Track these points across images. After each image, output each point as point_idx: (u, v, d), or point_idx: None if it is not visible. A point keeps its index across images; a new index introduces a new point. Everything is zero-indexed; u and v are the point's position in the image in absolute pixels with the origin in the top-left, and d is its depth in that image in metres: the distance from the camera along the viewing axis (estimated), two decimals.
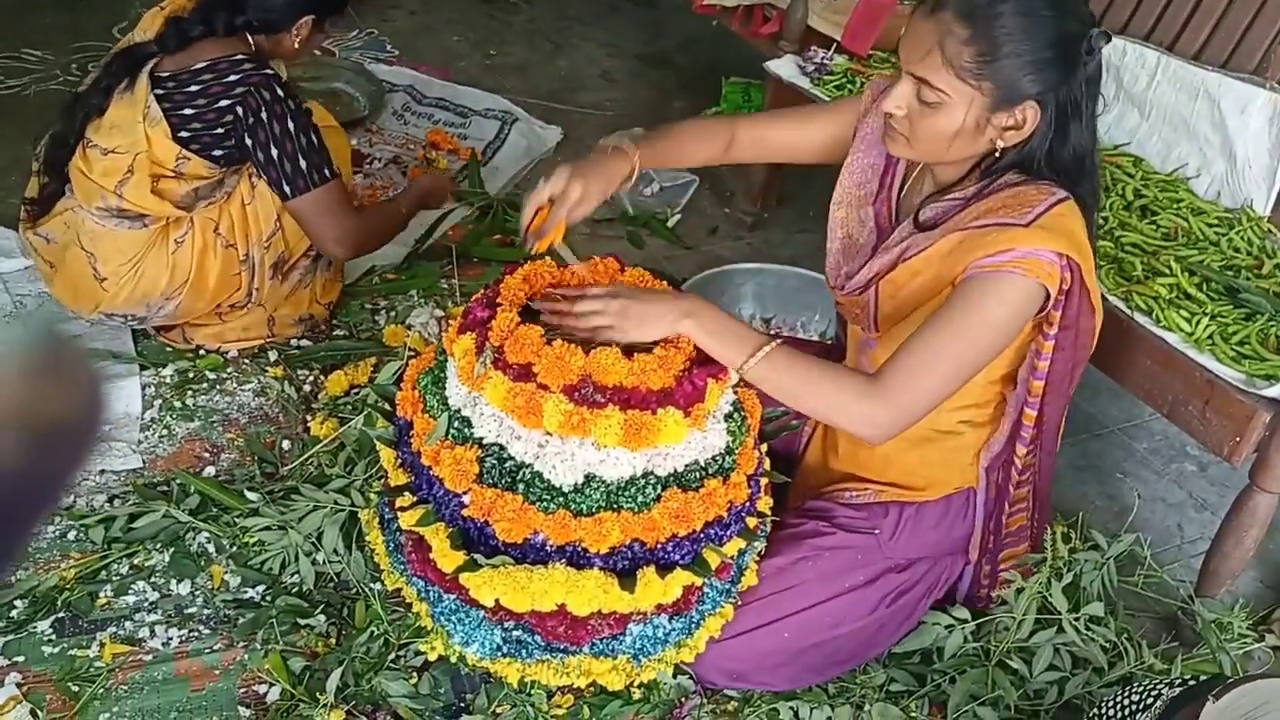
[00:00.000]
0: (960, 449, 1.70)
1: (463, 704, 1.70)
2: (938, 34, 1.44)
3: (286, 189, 2.08)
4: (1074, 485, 2.30)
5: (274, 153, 2.05)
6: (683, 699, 1.72)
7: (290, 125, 2.04)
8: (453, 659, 1.61)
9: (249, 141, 2.05)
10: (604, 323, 1.48)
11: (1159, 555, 2.02)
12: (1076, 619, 1.78)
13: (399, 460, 1.61)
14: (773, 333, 1.57)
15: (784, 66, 2.70)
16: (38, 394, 0.54)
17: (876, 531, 1.71)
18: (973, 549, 1.75)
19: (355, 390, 2.21)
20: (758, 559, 1.69)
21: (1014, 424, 1.65)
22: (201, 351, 2.31)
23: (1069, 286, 1.50)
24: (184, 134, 2.03)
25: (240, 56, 2.04)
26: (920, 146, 1.54)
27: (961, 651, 1.78)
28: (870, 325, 1.67)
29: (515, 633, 1.54)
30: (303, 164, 2.07)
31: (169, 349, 2.30)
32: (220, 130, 2.04)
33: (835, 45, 2.72)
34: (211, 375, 2.26)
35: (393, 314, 2.48)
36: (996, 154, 1.53)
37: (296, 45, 2.14)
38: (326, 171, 2.10)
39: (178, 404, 2.19)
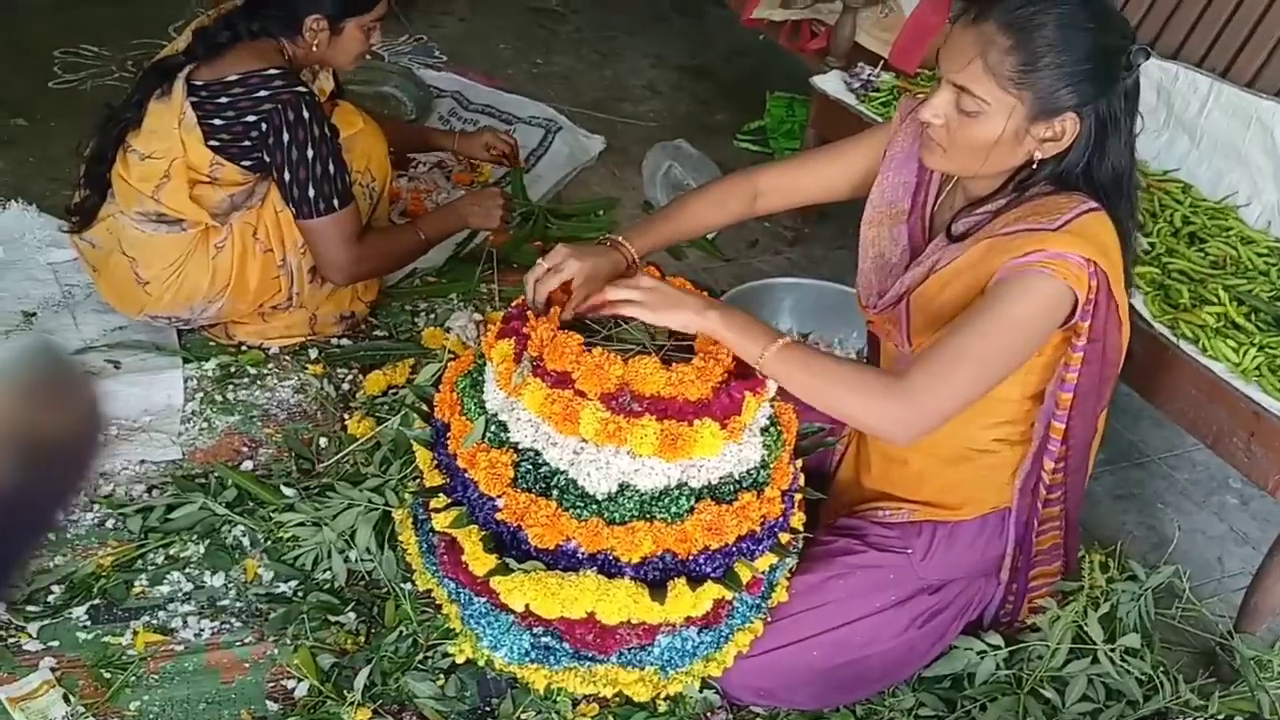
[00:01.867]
0: (995, 468, 1.69)
1: (488, 708, 1.71)
2: (980, 43, 1.45)
3: (293, 209, 2.11)
4: (1113, 514, 2.27)
5: (288, 174, 2.07)
6: (708, 714, 1.71)
7: (309, 151, 2.05)
8: (480, 662, 1.61)
9: (268, 157, 2.07)
10: (634, 297, 1.48)
11: (1198, 588, 1.99)
12: (1112, 650, 1.75)
13: (435, 461, 1.62)
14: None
15: (830, 82, 2.69)
16: (34, 413, 0.53)
17: (909, 551, 1.69)
18: (1004, 569, 1.73)
19: (393, 390, 2.23)
20: (789, 575, 1.68)
21: (1041, 439, 1.63)
22: (244, 347, 2.33)
23: (1096, 295, 1.48)
24: (214, 143, 2.06)
25: (273, 71, 2.05)
26: (957, 157, 1.53)
27: (993, 678, 1.76)
28: (904, 341, 1.66)
29: (544, 639, 1.54)
30: (311, 191, 2.08)
31: (212, 344, 2.33)
32: (247, 142, 2.07)
33: (882, 62, 2.71)
34: (253, 370, 2.29)
35: (432, 316, 2.49)
36: (1033, 165, 1.52)
37: (316, 48, 2.12)
38: (336, 202, 2.11)
39: (219, 398, 2.22)
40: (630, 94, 3.65)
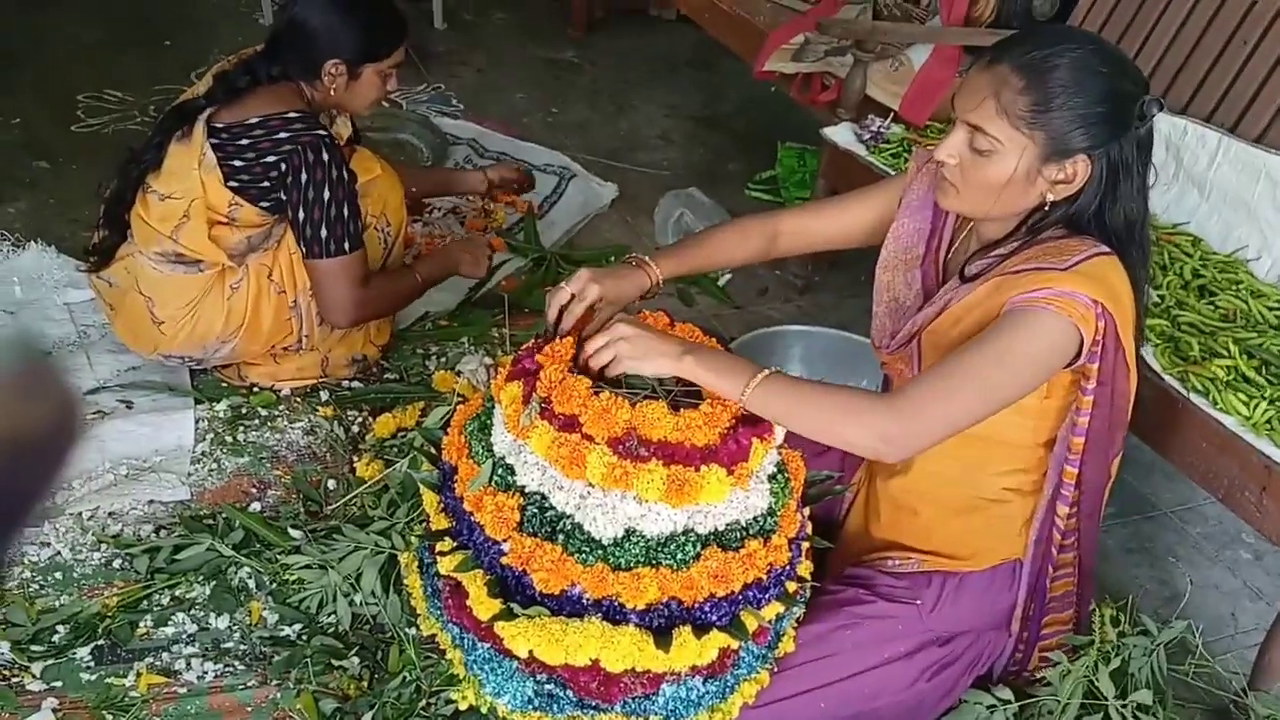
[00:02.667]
0: (1006, 518, 1.68)
1: None
2: (994, 83, 1.47)
3: (304, 248, 2.14)
4: (1124, 567, 2.25)
5: (302, 214, 2.10)
6: None
7: (325, 193, 2.08)
8: (483, 709, 1.60)
9: (285, 197, 2.10)
10: (609, 352, 1.49)
11: (1211, 644, 1.96)
12: (1124, 706, 1.72)
13: (441, 504, 1.62)
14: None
15: (840, 133, 2.72)
16: (7, 410, 0.52)
17: (918, 602, 1.68)
18: (1015, 619, 1.71)
19: (402, 433, 2.23)
20: (796, 625, 1.66)
21: (1055, 485, 1.62)
22: (256, 388, 2.35)
23: (1104, 339, 1.48)
24: (233, 183, 2.09)
25: (293, 114, 2.09)
26: (970, 197, 1.54)
27: None
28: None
29: (547, 686, 1.52)
30: (323, 232, 2.11)
31: (224, 384, 2.35)
32: (266, 183, 2.10)
33: (892, 114, 2.74)
34: (264, 412, 2.30)
35: (443, 360, 2.50)
36: (1045, 207, 1.53)
37: (334, 92, 2.16)
38: (347, 245, 2.13)
39: (229, 439, 2.23)
40: (644, 143, 3.69)
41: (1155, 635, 1.82)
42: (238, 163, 2.08)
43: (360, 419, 2.32)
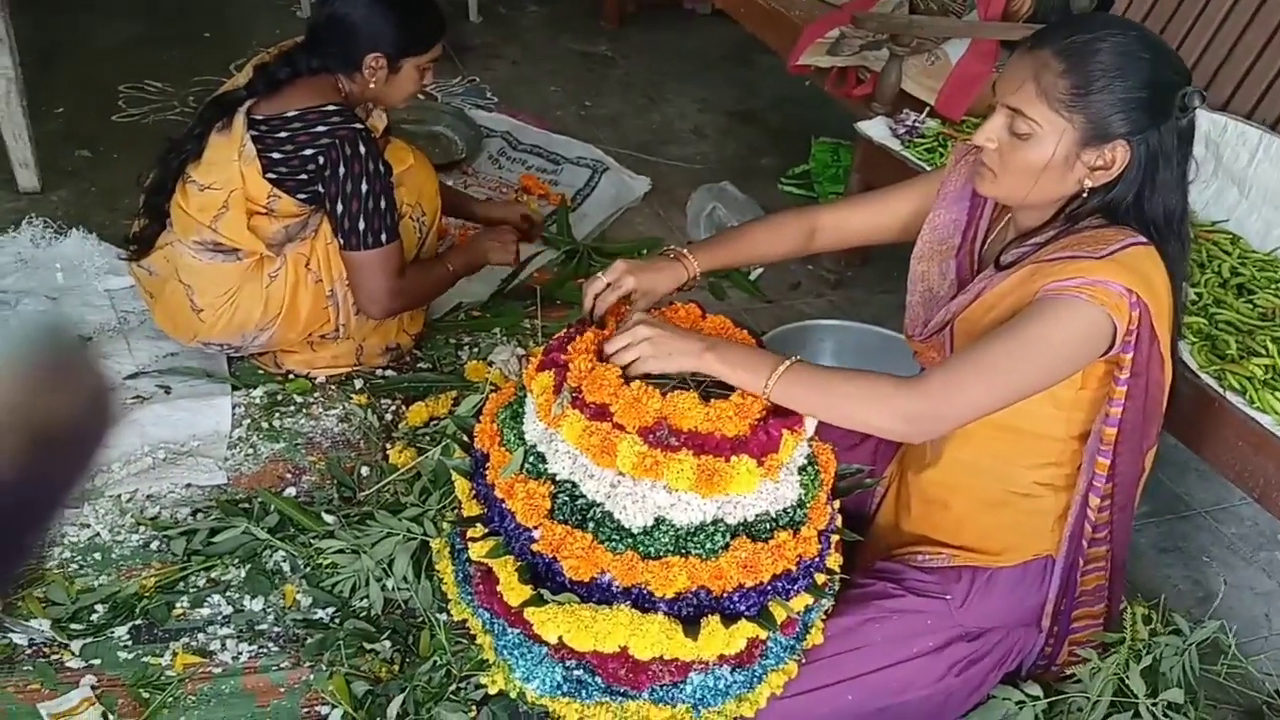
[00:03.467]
0: (1038, 513, 1.67)
1: None
2: (1034, 67, 1.47)
3: (341, 240, 2.16)
4: (1157, 567, 2.23)
5: (340, 207, 2.12)
6: None
7: (363, 185, 2.11)
8: (513, 694, 1.61)
9: (323, 190, 2.12)
10: (631, 356, 1.50)
11: (1245, 645, 1.94)
12: (1154, 704, 1.71)
13: (473, 491, 1.64)
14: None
15: (875, 128, 2.71)
16: (40, 399, 0.52)
17: (948, 597, 1.67)
18: (1046, 615, 1.71)
19: (434, 422, 2.26)
20: (824, 617, 1.67)
21: (1088, 478, 1.62)
22: (291, 376, 2.37)
23: (1138, 329, 1.47)
24: (271, 175, 2.11)
25: (331, 107, 2.11)
26: (1007, 182, 1.54)
27: None
28: None
29: (576, 672, 1.53)
30: (362, 225, 2.13)
31: (261, 371, 2.38)
32: (304, 176, 2.12)
33: (927, 109, 2.72)
34: (299, 399, 2.33)
35: (475, 350, 2.52)
36: (1084, 194, 1.52)
37: (373, 85, 2.18)
38: (384, 236, 2.16)
39: (265, 425, 2.26)
40: (677, 137, 3.69)
41: (1187, 635, 1.81)
42: (276, 155, 2.11)
43: (393, 407, 2.35)
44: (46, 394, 0.53)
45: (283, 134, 2.10)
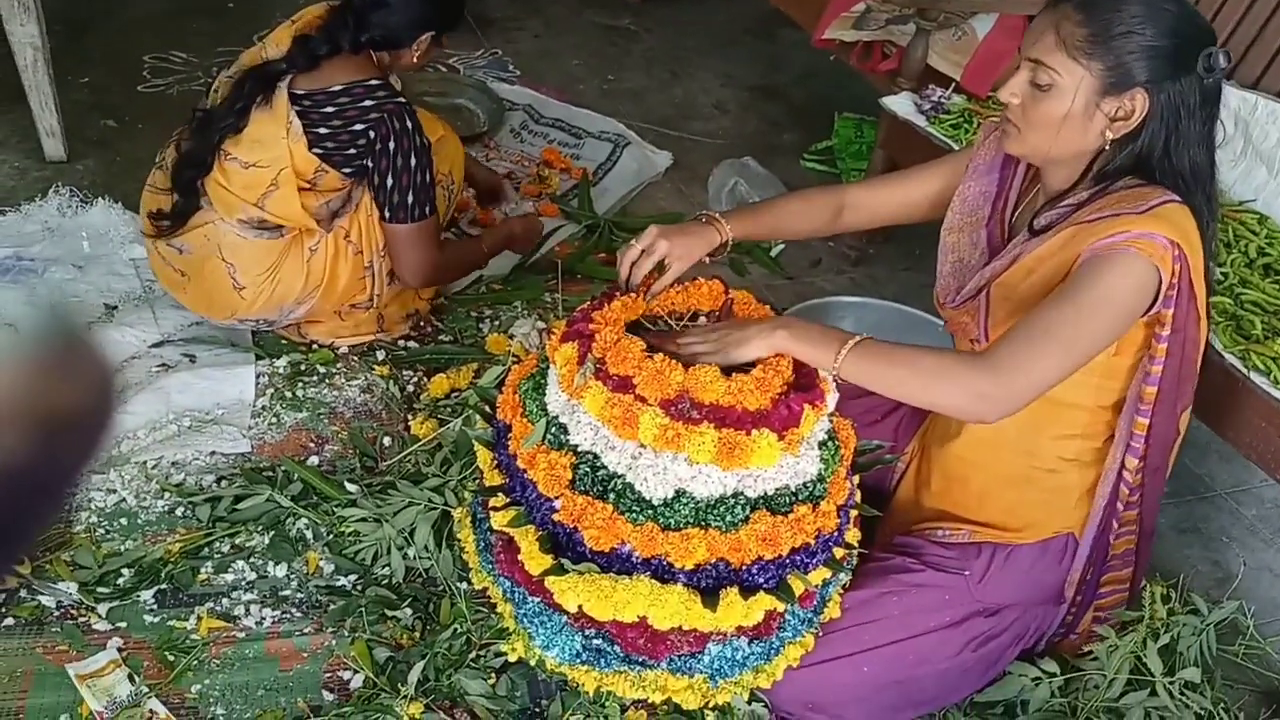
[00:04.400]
0: (1061, 490, 1.67)
1: (538, 709, 1.73)
2: (1055, 19, 1.50)
3: (388, 213, 2.18)
4: (1177, 548, 2.23)
5: (389, 180, 2.14)
6: None
7: (412, 160, 2.14)
8: (532, 662, 1.63)
9: (370, 164, 2.13)
10: (705, 349, 1.51)
11: (1263, 626, 1.94)
12: (1171, 683, 1.71)
13: (495, 461, 1.65)
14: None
15: (900, 103, 2.69)
16: (45, 386, 0.52)
17: (966, 573, 1.68)
18: (1070, 585, 1.71)
19: (456, 394, 2.27)
20: (842, 591, 1.68)
21: (1125, 440, 1.61)
22: (314, 345, 2.39)
23: (1179, 281, 1.48)
24: (317, 150, 2.11)
25: (374, 82, 2.12)
26: (1031, 137, 1.54)
27: (1048, 706, 1.74)
28: (981, 334, 1.65)
29: (595, 641, 1.55)
30: (409, 198, 2.16)
31: (284, 341, 2.40)
32: (352, 150, 2.12)
33: (954, 85, 2.70)
34: (322, 369, 2.35)
35: (496, 323, 2.53)
36: (1105, 148, 1.52)
37: (415, 59, 2.22)
38: (427, 209, 2.19)
39: (288, 394, 2.28)
40: (699, 112, 3.67)
41: (1205, 615, 1.81)
42: (322, 130, 2.10)
43: (415, 379, 2.36)
44: (52, 382, 0.52)
45: (329, 109, 2.10)
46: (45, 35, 2.80)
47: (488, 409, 1.76)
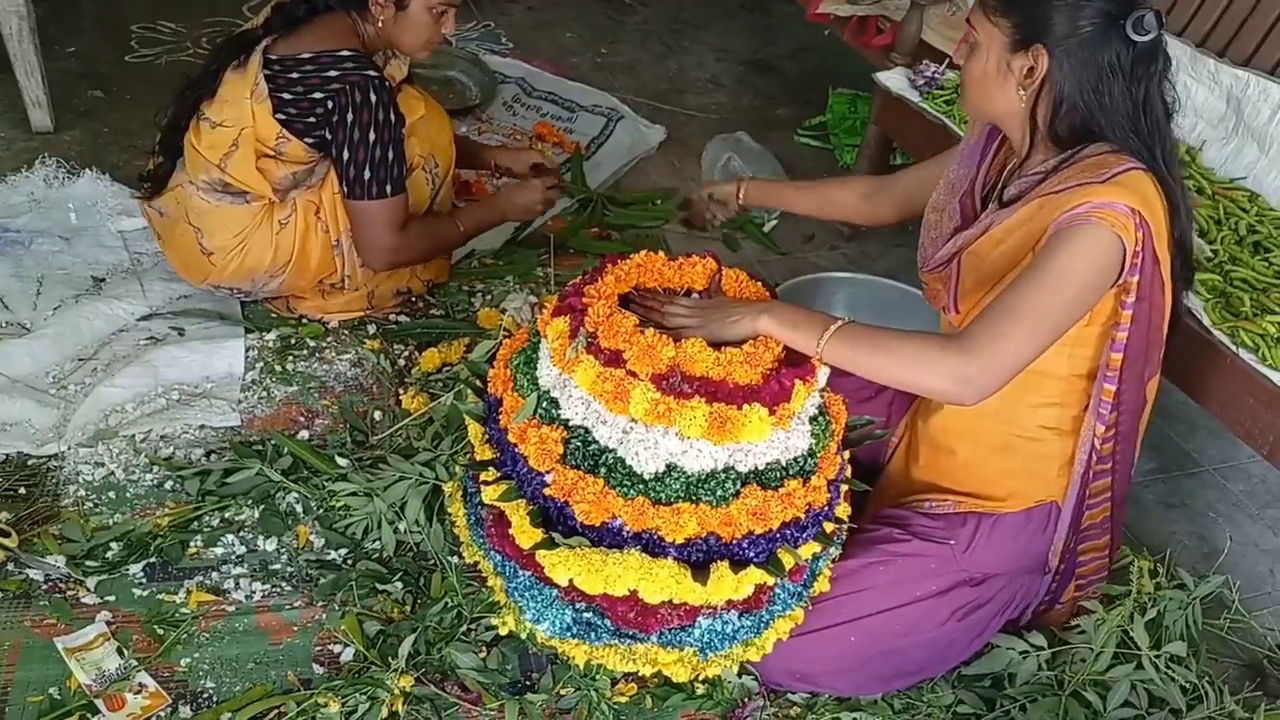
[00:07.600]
0: (1042, 459, 1.68)
1: (528, 682, 1.73)
2: None
3: (345, 188, 2.15)
4: (1163, 523, 2.24)
5: (346, 154, 2.10)
6: (745, 700, 1.72)
7: (371, 134, 2.08)
8: (523, 635, 1.64)
9: (329, 135, 2.10)
10: (692, 323, 1.54)
11: (1248, 601, 1.96)
12: (1157, 656, 1.73)
13: (486, 436, 1.65)
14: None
15: (894, 79, 2.68)
16: None
17: (952, 542, 1.69)
18: (1053, 555, 1.73)
19: (447, 368, 2.26)
20: (832, 565, 1.68)
21: (1095, 404, 1.64)
22: (304, 320, 2.38)
23: (1142, 250, 1.50)
24: (280, 116, 2.09)
25: (346, 52, 2.08)
26: (966, 95, 1.65)
27: (1034, 679, 1.75)
28: (950, 303, 1.69)
29: (586, 614, 1.56)
30: (367, 174, 2.11)
31: (274, 315, 2.39)
32: (312, 119, 2.10)
33: (947, 60, 2.69)
34: (312, 343, 2.34)
35: (488, 297, 2.52)
36: (1022, 105, 1.57)
37: (382, 24, 2.12)
38: (389, 188, 2.14)
39: (278, 368, 2.27)
40: (693, 86, 3.65)
41: (1192, 589, 1.83)
42: (286, 95, 2.09)
43: (406, 353, 2.35)
44: None
45: (294, 74, 2.09)
46: (31, 3, 2.77)
47: (479, 383, 1.76)
